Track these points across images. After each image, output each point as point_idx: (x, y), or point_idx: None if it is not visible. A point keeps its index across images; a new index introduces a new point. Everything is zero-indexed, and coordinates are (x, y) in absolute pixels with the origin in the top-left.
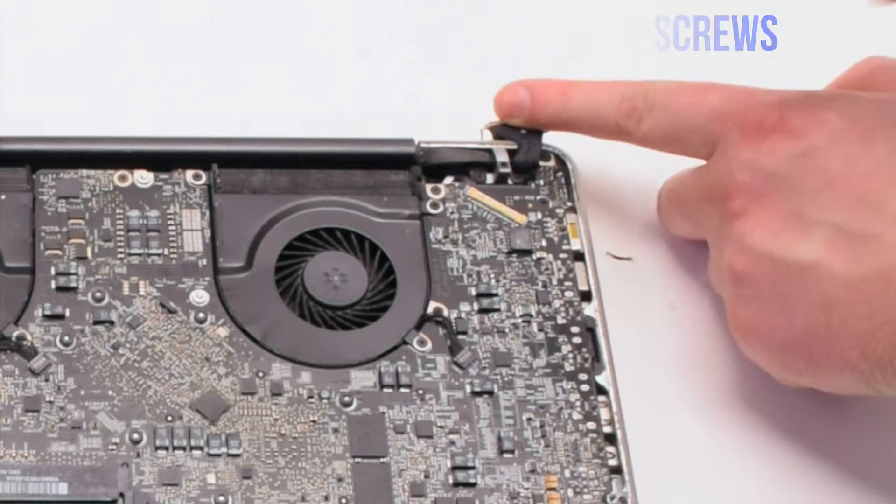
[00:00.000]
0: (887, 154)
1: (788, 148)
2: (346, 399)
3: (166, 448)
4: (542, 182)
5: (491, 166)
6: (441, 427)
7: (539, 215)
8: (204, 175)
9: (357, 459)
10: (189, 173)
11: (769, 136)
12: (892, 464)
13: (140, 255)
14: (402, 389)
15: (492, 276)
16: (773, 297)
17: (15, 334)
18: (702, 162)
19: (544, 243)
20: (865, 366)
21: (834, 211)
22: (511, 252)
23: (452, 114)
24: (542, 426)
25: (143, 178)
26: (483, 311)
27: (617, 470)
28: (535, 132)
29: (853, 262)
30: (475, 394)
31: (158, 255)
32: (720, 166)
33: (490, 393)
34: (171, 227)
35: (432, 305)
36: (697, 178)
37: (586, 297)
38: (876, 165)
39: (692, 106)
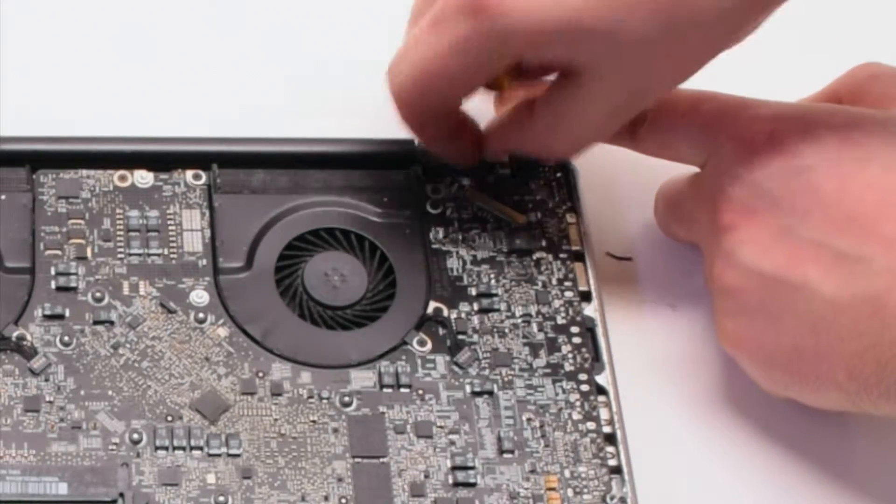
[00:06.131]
0: (880, 175)
1: (781, 164)
2: (346, 399)
3: (166, 448)
4: (541, 182)
5: (491, 166)
6: (441, 427)
7: (539, 215)
8: (204, 175)
9: (357, 459)
10: (189, 173)
11: (762, 150)
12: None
13: (140, 255)
14: (402, 389)
15: (492, 276)
16: (761, 313)
17: (15, 334)
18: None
19: (544, 243)
20: (852, 387)
21: (824, 231)
22: (511, 252)
23: None
24: (541, 426)
25: (143, 178)
26: (483, 311)
27: (617, 470)
28: None
29: (842, 284)
30: (475, 394)
31: (158, 255)
32: (712, 177)
33: (490, 393)
34: (170, 228)
35: (432, 305)
36: (691, 187)
37: (586, 297)
38: (868, 187)
39: (686, 115)
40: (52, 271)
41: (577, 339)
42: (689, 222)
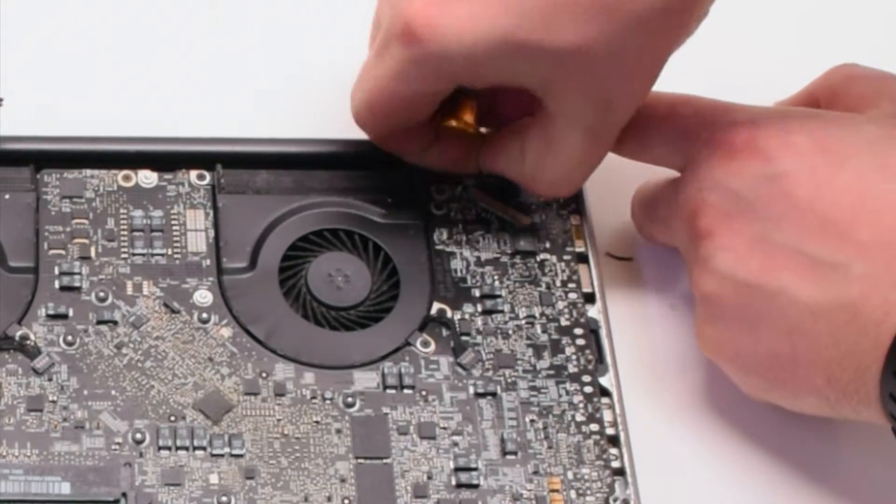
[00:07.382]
0: (855, 182)
1: (757, 170)
2: (350, 400)
3: (169, 448)
4: None
5: None
6: (444, 428)
7: (543, 217)
8: (208, 175)
9: (360, 460)
10: (193, 173)
11: (738, 156)
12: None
13: (144, 255)
14: (406, 390)
15: (495, 277)
16: (738, 320)
17: (18, 334)
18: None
19: (548, 245)
20: (831, 392)
21: (800, 237)
22: (515, 253)
23: None
24: (545, 428)
25: (147, 178)
26: (486, 312)
27: (620, 472)
28: None
29: (819, 291)
30: (478, 395)
31: (162, 255)
32: (690, 183)
33: (493, 394)
34: (174, 228)
35: (436, 307)
36: (668, 191)
37: (590, 298)
38: (843, 193)
39: (664, 119)
40: (56, 271)
41: (580, 341)
42: (666, 226)
